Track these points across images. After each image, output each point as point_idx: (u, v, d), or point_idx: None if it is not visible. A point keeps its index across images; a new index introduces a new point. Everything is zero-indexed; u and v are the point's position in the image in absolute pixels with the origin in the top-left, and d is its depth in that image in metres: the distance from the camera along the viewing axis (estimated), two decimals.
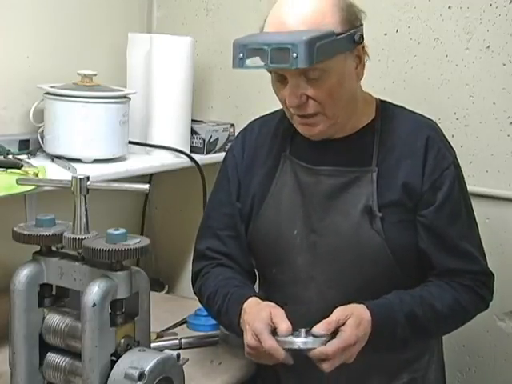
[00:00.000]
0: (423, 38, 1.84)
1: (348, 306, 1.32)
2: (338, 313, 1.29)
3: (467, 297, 1.42)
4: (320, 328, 1.27)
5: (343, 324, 1.28)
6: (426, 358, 1.50)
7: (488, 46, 1.76)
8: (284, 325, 1.28)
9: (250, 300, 1.39)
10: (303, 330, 1.27)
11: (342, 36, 1.32)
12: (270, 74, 1.41)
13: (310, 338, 1.26)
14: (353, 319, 1.28)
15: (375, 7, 1.88)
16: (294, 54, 1.24)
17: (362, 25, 1.37)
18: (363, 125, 1.45)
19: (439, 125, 1.51)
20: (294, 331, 1.28)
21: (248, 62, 1.30)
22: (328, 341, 1.26)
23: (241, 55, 1.31)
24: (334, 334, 1.28)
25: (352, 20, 1.35)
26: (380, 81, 1.89)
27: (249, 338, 1.31)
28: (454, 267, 1.41)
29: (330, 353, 1.25)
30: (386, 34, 1.89)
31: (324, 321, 1.28)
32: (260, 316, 1.31)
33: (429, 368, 1.50)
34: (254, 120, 1.61)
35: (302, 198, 1.45)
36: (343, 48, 1.33)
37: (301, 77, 1.32)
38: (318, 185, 1.44)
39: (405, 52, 1.87)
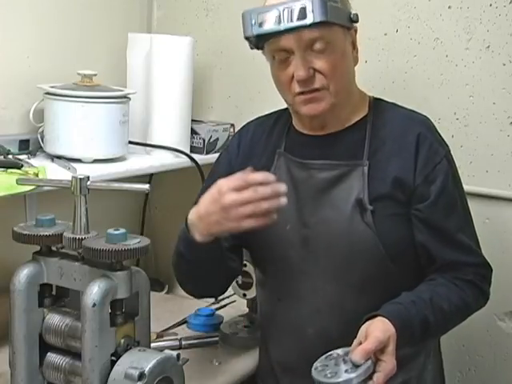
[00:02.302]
0: (423, 37, 1.84)
1: (381, 326, 1.24)
2: (377, 339, 1.21)
3: (471, 293, 1.42)
4: (359, 356, 1.19)
5: (381, 350, 1.22)
6: (421, 358, 1.49)
7: (488, 46, 1.76)
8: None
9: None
10: (340, 358, 1.20)
11: (342, 8, 1.37)
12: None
13: (354, 373, 1.17)
14: (391, 347, 1.23)
15: (375, 7, 1.88)
16: (310, 8, 1.29)
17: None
18: (356, 120, 1.46)
19: (439, 125, 1.51)
20: (327, 356, 1.22)
21: (260, 27, 1.33)
22: (369, 366, 1.19)
23: (253, 21, 1.33)
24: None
25: (346, 2, 1.41)
26: (380, 81, 1.89)
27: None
28: (454, 259, 1.41)
29: None
30: (386, 34, 1.89)
31: (362, 348, 1.19)
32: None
33: (424, 369, 1.49)
34: (250, 121, 1.62)
35: (296, 193, 1.45)
36: (344, 20, 1.38)
37: (307, 51, 1.34)
38: (309, 179, 1.44)
39: (405, 52, 1.87)
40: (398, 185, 1.40)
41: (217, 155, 1.65)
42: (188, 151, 2.00)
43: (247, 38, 1.39)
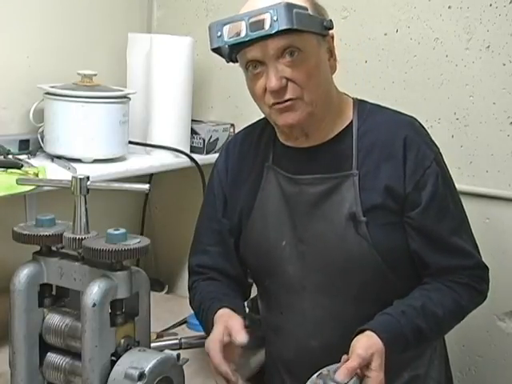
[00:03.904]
0: (423, 38, 1.84)
1: (365, 342, 1.25)
2: (359, 357, 1.22)
3: (466, 295, 1.41)
4: (342, 375, 1.20)
5: (367, 366, 1.23)
6: (427, 354, 1.49)
7: (488, 46, 1.76)
8: (239, 337, 1.30)
9: (218, 313, 1.40)
10: (328, 377, 1.21)
11: (313, 15, 1.33)
12: None
13: None
14: (376, 362, 1.23)
15: (375, 7, 1.88)
16: (275, 17, 1.25)
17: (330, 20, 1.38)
18: (341, 129, 1.43)
19: (439, 125, 1.51)
20: (318, 374, 1.24)
21: (224, 38, 1.31)
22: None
23: (219, 33, 1.31)
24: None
25: (320, 9, 1.37)
26: (380, 81, 1.89)
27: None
28: (448, 265, 1.40)
29: None
30: (385, 34, 1.89)
31: (345, 367, 1.21)
32: (213, 334, 1.34)
33: (431, 363, 1.50)
34: (237, 133, 1.62)
35: (288, 208, 1.44)
36: (316, 27, 1.33)
37: (279, 61, 1.31)
38: (300, 194, 1.43)
39: (405, 52, 1.87)
40: (389, 194, 1.38)
41: (216, 155, 1.64)
42: (188, 151, 2.00)
43: (214, 50, 1.36)
